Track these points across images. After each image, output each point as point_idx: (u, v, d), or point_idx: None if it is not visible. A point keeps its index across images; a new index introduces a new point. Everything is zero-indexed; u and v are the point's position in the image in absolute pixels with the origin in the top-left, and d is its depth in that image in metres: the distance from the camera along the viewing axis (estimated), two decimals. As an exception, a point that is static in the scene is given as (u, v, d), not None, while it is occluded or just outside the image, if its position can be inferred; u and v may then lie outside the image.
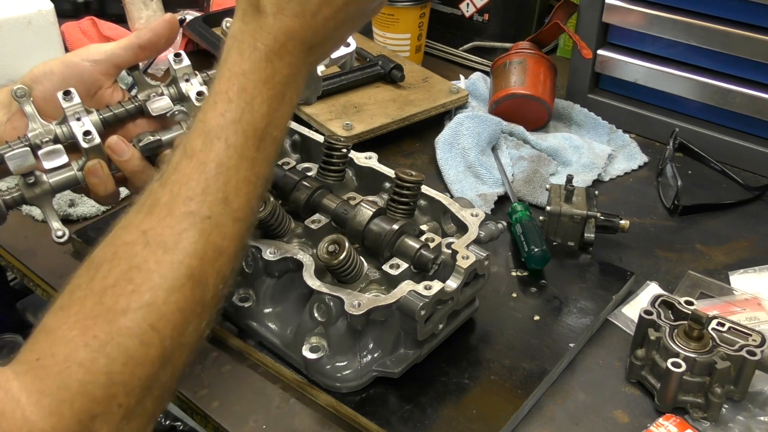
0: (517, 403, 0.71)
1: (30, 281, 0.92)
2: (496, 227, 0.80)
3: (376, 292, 0.73)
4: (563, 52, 1.42)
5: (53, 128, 0.72)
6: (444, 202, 0.80)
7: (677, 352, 0.71)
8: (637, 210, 1.02)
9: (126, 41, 0.76)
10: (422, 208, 0.81)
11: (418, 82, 1.22)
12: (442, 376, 0.74)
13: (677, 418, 0.71)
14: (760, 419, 0.71)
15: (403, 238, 0.74)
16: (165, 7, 1.40)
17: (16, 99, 0.72)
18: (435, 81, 1.23)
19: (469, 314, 0.79)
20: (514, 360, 0.76)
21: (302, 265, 0.72)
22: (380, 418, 0.69)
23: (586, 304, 0.83)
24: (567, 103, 1.22)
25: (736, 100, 1.07)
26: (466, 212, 0.78)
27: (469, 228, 0.75)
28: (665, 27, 1.09)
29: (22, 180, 0.69)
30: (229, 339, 0.79)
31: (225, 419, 0.71)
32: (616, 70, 1.18)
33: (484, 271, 0.75)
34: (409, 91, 1.20)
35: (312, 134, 0.89)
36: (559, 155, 1.09)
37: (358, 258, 0.73)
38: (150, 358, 0.50)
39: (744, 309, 0.84)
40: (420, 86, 1.21)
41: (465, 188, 1.02)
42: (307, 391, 0.73)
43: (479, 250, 0.74)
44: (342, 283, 0.73)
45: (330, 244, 0.71)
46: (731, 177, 1.08)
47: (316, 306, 0.71)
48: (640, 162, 1.12)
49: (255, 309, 0.77)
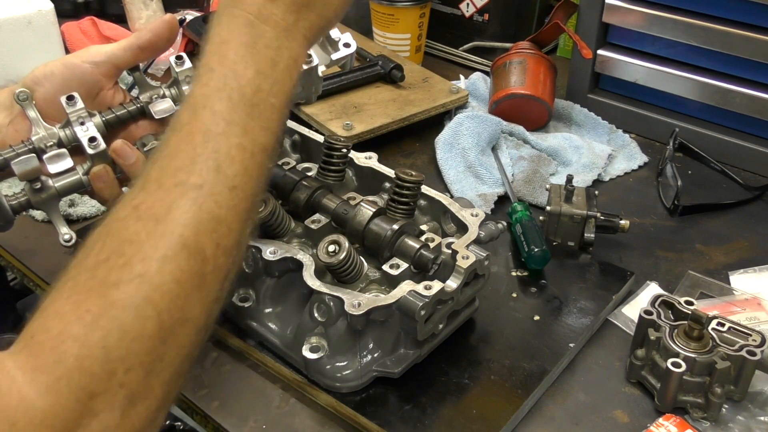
0: (517, 403, 0.71)
1: (30, 281, 0.92)
2: (496, 227, 0.80)
3: (376, 292, 0.73)
4: (563, 52, 1.42)
5: (57, 132, 0.72)
6: (444, 202, 0.80)
7: (677, 352, 0.71)
8: (637, 210, 1.02)
9: (126, 42, 0.76)
10: (422, 208, 0.81)
11: (418, 82, 1.22)
12: (442, 376, 0.74)
13: (677, 418, 0.71)
14: (760, 419, 0.71)
15: (403, 238, 0.74)
16: (165, 7, 1.40)
17: (18, 103, 0.72)
18: (435, 81, 1.23)
19: (469, 314, 0.79)
20: (514, 360, 0.76)
21: (302, 265, 0.72)
22: (380, 418, 0.69)
23: (586, 304, 0.83)
24: (567, 103, 1.22)
25: (736, 100, 1.07)
26: (466, 212, 0.78)
27: (469, 228, 0.75)
28: (665, 27, 1.09)
29: (28, 185, 0.69)
30: (229, 339, 0.79)
31: (225, 419, 0.71)
32: (616, 70, 1.18)
33: (484, 271, 0.75)
34: (409, 91, 1.20)
35: (312, 134, 0.89)
36: (559, 155, 1.09)
37: (358, 258, 0.73)
38: (147, 331, 0.48)
39: (744, 309, 0.84)
40: (420, 86, 1.21)
41: (465, 188, 1.02)
42: (307, 391, 0.73)
43: (479, 250, 0.74)
44: (342, 283, 0.73)
45: (330, 244, 0.71)
46: (731, 177, 1.08)
47: (316, 306, 0.71)
48: (640, 162, 1.12)
49: (255, 309, 0.77)
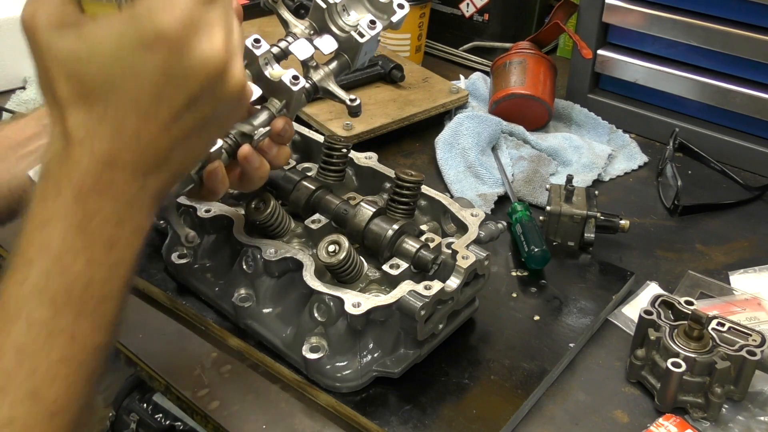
0: (517, 403, 0.71)
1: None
2: (496, 227, 0.80)
3: (376, 292, 0.73)
4: (563, 52, 1.42)
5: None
6: (444, 202, 0.80)
7: (677, 352, 0.71)
8: (637, 210, 1.02)
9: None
10: (422, 208, 0.81)
11: (418, 82, 1.22)
12: (442, 376, 0.74)
13: (677, 418, 0.71)
14: (760, 419, 0.71)
15: (403, 238, 0.74)
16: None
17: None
18: (435, 81, 1.23)
19: (469, 314, 0.79)
20: (514, 360, 0.76)
21: (302, 265, 0.72)
22: (380, 418, 0.69)
23: (586, 304, 0.83)
24: (567, 103, 1.22)
25: (736, 100, 1.07)
26: (466, 212, 0.78)
27: (469, 228, 0.75)
28: (665, 27, 1.09)
29: None
30: (229, 339, 0.79)
31: (225, 419, 0.71)
32: (616, 70, 1.18)
33: (485, 271, 0.75)
34: (409, 91, 1.20)
35: (312, 134, 0.89)
36: (559, 155, 1.09)
37: (358, 258, 0.73)
38: None
39: (744, 309, 0.84)
40: (420, 86, 1.21)
41: (465, 188, 1.02)
42: (307, 391, 0.73)
43: (479, 250, 0.74)
44: (342, 283, 0.73)
45: (330, 244, 0.71)
46: (731, 177, 1.08)
47: (316, 306, 0.71)
48: (640, 162, 1.12)
49: (255, 309, 0.77)
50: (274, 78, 0.66)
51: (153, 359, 0.78)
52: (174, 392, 0.75)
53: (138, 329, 0.81)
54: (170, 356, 0.78)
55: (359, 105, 0.69)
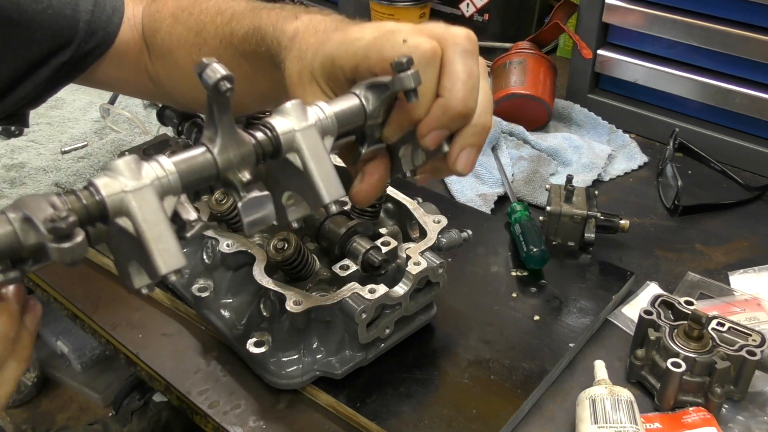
0: (517, 403, 0.71)
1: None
2: (459, 236, 0.78)
3: (323, 292, 0.72)
4: (563, 52, 1.42)
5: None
6: (409, 207, 0.78)
7: (677, 352, 0.71)
8: (637, 210, 1.02)
9: None
10: (390, 211, 0.81)
11: (418, 82, 1.22)
12: (441, 376, 0.74)
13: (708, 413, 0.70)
14: (760, 419, 0.71)
15: (355, 239, 0.73)
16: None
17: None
18: (435, 81, 1.22)
19: (425, 320, 0.77)
20: (514, 360, 0.76)
21: (255, 259, 0.71)
22: (380, 418, 0.69)
23: (586, 304, 0.83)
24: (567, 103, 1.22)
25: (736, 100, 1.07)
26: (429, 218, 0.77)
27: (428, 234, 0.75)
28: (665, 27, 1.09)
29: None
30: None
31: (225, 419, 0.71)
32: (616, 70, 1.18)
33: (439, 278, 0.74)
34: (409, 91, 1.20)
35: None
36: (559, 155, 1.09)
37: (308, 256, 0.72)
38: None
39: (744, 309, 0.84)
40: (420, 86, 1.21)
41: (465, 188, 1.02)
42: (307, 391, 0.73)
43: (434, 257, 0.72)
44: (293, 280, 0.73)
45: (279, 240, 0.70)
46: (731, 177, 1.08)
47: (263, 301, 0.70)
48: (640, 162, 1.12)
49: (212, 299, 0.77)
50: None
51: (153, 359, 0.78)
52: (174, 392, 0.75)
53: (138, 329, 0.82)
54: (170, 356, 0.78)
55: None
